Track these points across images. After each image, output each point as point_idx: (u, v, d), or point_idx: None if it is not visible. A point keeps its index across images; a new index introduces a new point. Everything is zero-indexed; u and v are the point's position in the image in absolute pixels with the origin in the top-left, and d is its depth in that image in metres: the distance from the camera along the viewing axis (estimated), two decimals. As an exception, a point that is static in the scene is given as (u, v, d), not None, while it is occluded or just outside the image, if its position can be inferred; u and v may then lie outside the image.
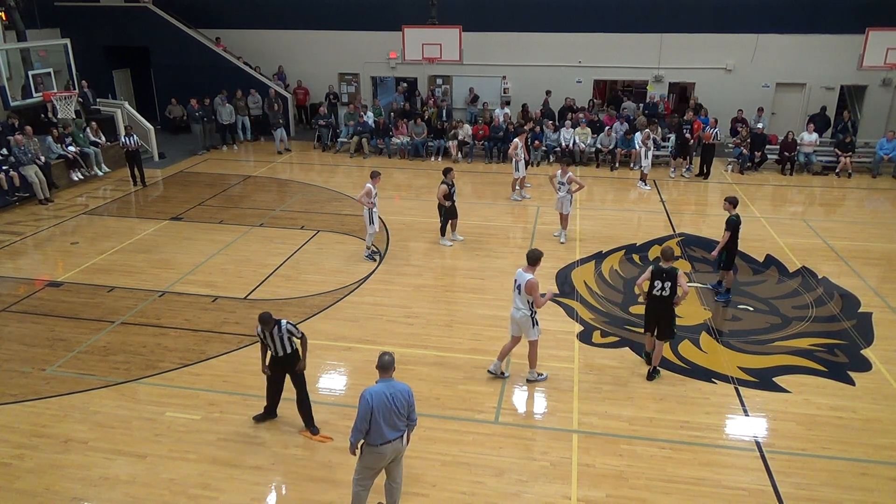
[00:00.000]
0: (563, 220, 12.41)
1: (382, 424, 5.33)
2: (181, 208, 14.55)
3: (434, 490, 6.24)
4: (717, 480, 6.39)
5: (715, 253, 10.04)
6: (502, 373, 8.03)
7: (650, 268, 7.85)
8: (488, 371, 8.06)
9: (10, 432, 7.06)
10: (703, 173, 17.00)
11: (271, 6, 22.01)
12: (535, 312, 7.63)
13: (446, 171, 12.07)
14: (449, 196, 11.92)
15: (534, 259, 7.62)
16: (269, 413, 7.21)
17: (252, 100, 20.66)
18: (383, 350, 5.59)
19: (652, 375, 8.07)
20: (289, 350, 6.80)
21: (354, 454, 5.57)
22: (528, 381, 7.96)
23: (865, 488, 6.31)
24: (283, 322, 6.76)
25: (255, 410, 7.40)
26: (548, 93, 19.99)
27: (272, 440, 6.94)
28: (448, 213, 12.19)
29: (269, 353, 6.87)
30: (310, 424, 7.04)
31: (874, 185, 16.68)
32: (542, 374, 8.03)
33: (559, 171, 12.28)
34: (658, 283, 7.74)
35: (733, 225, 9.71)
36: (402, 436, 5.50)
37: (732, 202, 9.86)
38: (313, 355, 8.53)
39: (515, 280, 7.65)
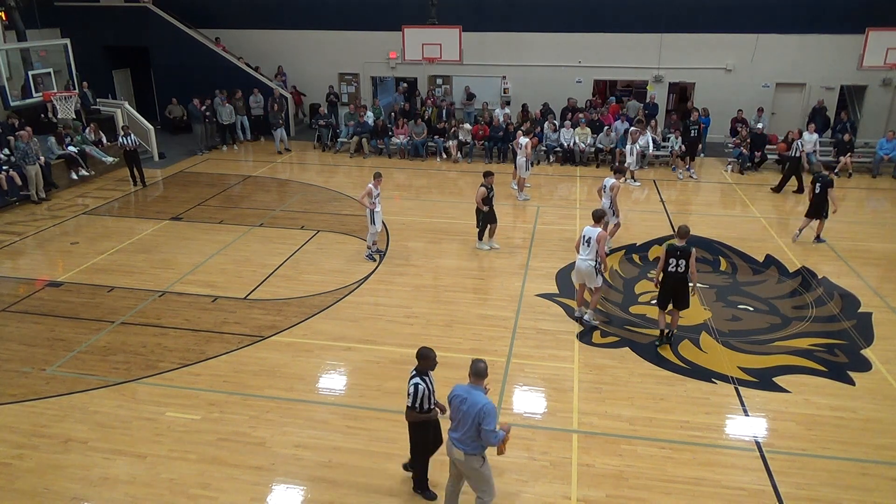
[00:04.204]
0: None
1: (451, 420, 5.46)
2: (181, 208, 14.55)
3: (434, 490, 6.23)
4: (717, 480, 6.39)
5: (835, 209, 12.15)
6: (584, 314, 9.38)
7: (665, 248, 8.48)
8: (577, 318, 9.37)
9: (10, 432, 7.06)
10: (797, 188, 15.58)
11: (271, 6, 22.01)
12: (599, 263, 8.86)
13: (486, 175, 11.74)
14: (488, 200, 11.58)
15: (598, 216, 8.94)
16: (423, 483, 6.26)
17: (254, 99, 20.66)
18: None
19: (670, 338, 8.84)
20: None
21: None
22: (584, 320, 9.29)
23: (865, 488, 6.31)
24: (417, 380, 5.70)
25: (254, 411, 7.41)
26: (545, 104, 20.04)
27: (272, 440, 6.94)
28: (486, 218, 11.78)
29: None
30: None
31: (874, 185, 16.68)
32: (595, 321, 9.29)
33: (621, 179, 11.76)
34: (673, 261, 8.39)
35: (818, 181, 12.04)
36: (456, 447, 5.34)
37: (826, 165, 12.85)
38: (314, 355, 8.58)
39: (584, 235, 8.89)
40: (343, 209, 14.41)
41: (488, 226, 11.94)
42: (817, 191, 12.01)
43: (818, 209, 12.15)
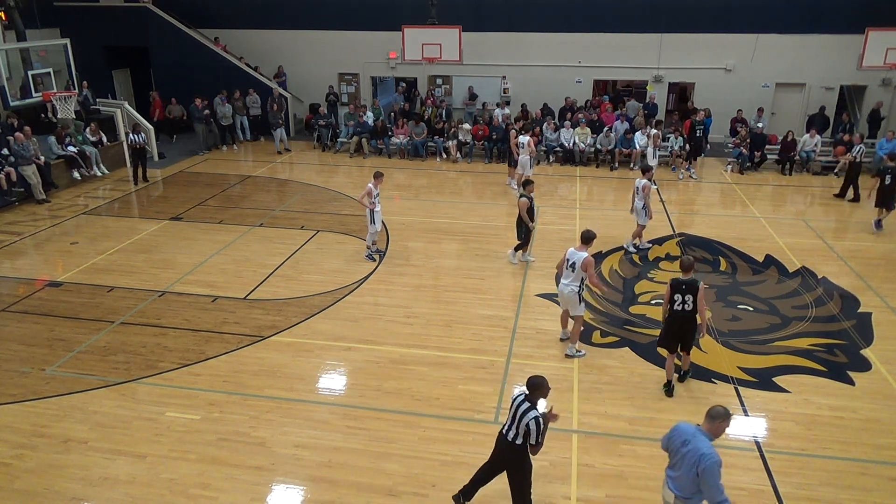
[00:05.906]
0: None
1: (668, 459, 5.12)
2: (181, 208, 14.55)
3: (434, 490, 6.23)
4: (716, 480, 6.38)
5: None
6: (568, 348, 8.69)
7: (669, 283, 7.58)
8: (560, 339, 8.85)
9: (10, 432, 7.06)
10: (853, 197, 15.23)
11: (271, 6, 22.01)
12: (583, 290, 8.31)
13: (526, 184, 11.29)
14: (531, 211, 10.98)
15: (587, 238, 8.27)
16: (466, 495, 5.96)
17: (251, 100, 20.65)
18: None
19: (683, 377, 7.99)
20: (518, 441, 5.44)
21: None
22: (566, 355, 8.53)
23: (865, 488, 6.31)
24: (535, 413, 5.35)
25: (254, 411, 7.41)
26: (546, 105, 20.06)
27: (272, 440, 6.94)
28: (528, 231, 11.16)
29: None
30: None
31: (874, 184, 16.62)
32: (580, 352, 8.57)
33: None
34: (678, 297, 7.39)
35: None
36: (669, 488, 5.01)
37: (892, 157, 12.92)
38: (313, 355, 8.57)
39: (568, 259, 8.28)
40: (343, 209, 14.40)
41: (529, 240, 11.33)
42: (887, 182, 12.69)
43: (888, 199, 12.87)
